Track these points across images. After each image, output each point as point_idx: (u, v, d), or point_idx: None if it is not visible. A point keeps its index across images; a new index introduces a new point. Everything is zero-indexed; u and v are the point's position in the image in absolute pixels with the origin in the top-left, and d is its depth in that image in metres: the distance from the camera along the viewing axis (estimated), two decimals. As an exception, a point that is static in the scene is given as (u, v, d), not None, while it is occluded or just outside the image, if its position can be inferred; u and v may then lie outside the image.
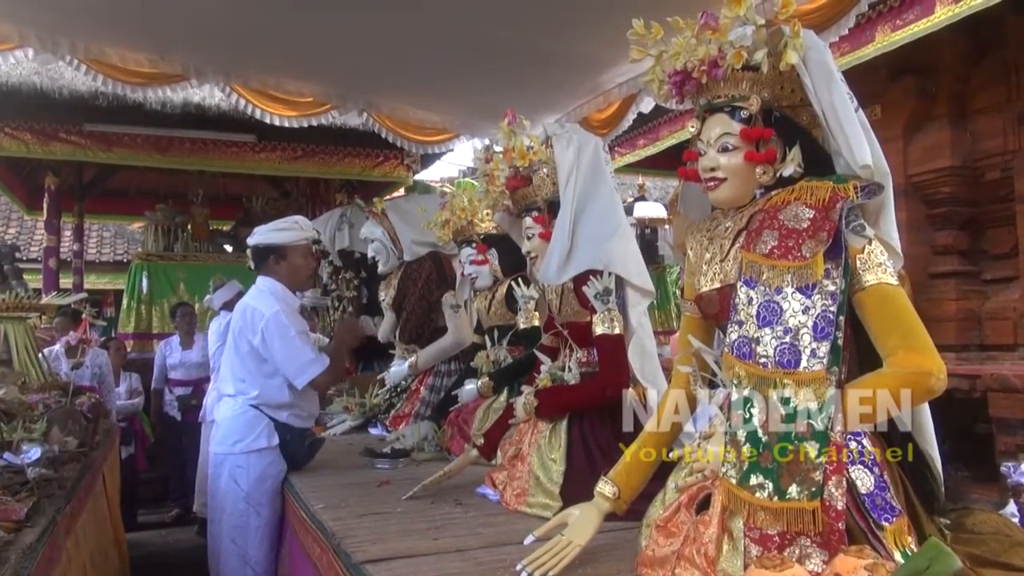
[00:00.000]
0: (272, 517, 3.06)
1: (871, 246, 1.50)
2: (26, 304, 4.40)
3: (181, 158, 6.88)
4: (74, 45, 3.98)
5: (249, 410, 3.06)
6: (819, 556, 1.34)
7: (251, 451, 3.03)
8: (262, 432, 3.04)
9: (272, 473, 3.06)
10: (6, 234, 13.12)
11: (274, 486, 3.07)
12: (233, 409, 3.09)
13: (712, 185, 1.65)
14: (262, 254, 3.20)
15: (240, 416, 3.07)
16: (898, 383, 1.42)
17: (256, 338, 3.03)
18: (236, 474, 3.02)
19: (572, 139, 2.42)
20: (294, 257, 3.19)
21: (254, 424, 3.05)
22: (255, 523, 3.02)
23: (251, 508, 3.01)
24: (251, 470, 3.02)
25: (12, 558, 1.73)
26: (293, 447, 3.10)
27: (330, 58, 4.24)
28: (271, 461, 3.05)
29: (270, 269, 3.18)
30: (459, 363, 3.94)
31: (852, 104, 1.56)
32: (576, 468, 2.28)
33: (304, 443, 3.18)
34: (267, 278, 3.17)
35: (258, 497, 3.02)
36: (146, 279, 7.06)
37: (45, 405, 3.30)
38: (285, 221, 3.25)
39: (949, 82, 4.42)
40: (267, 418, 3.06)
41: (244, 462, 3.02)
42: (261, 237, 3.19)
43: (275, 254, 3.17)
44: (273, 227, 3.21)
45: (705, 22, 1.60)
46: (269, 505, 3.04)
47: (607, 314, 2.31)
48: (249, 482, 3.01)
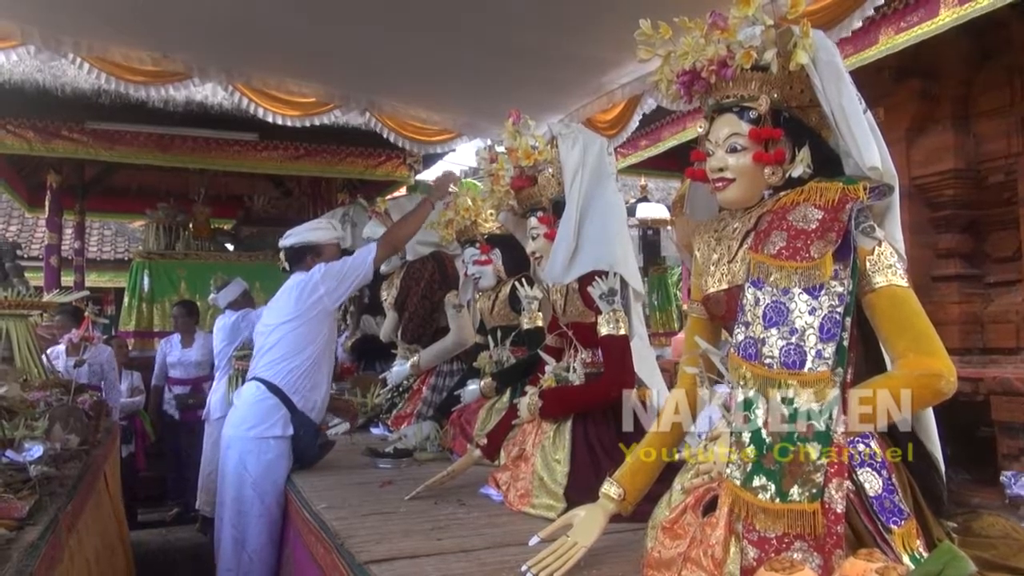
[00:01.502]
0: (275, 509, 3.09)
1: (881, 247, 1.50)
2: (27, 302, 4.39)
3: (183, 156, 6.86)
4: (77, 43, 3.98)
5: (270, 398, 3.12)
6: (814, 560, 1.33)
7: (264, 437, 3.08)
8: (278, 421, 3.10)
9: (281, 464, 3.11)
10: (7, 232, 13.11)
11: (280, 477, 3.10)
12: (255, 395, 3.16)
13: (720, 186, 1.64)
14: (299, 254, 3.38)
15: (260, 403, 3.13)
16: (908, 385, 1.42)
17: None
18: (246, 459, 3.08)
19: (578, 139, 2.41)
20: (329, 254, 3.38)
21: (272, 412, 3.11)
22: (257, 510, 3.07)
23: (256, 495, 3.06)
24: (261, 456, 3.07)
25: (14, 556, 1.73)
26: (305, 442, 3.15)
27: (332, 58, 4.24)
28: (282, 452, 3.11)
29: (307, 267, 3.31)
30: (461, 363, 3.94)
31: (861, 105, 1.55)
32: (580, 469, 2.27)
33: (316, 441, 3.21)
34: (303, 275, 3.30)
35: (264, 485, 3.07)
36: (147, 277, 7.05)
37: (47, 403, 3.30)
38: (319, 221, 3.58)
39: (953, 85, 4.41)
40: (285, 408, 3.11)
41: (255, 447, 3.09)
42: (298, 238, 3.40)
43: (312, 253, 3.36)
44: (309, 227, 3.47)
45: (714, 22, 1.60)
46: (273, 495, 3.08)
47: (612, 315, 2.31)
48: (258, 468, 3.07)
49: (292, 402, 3.14)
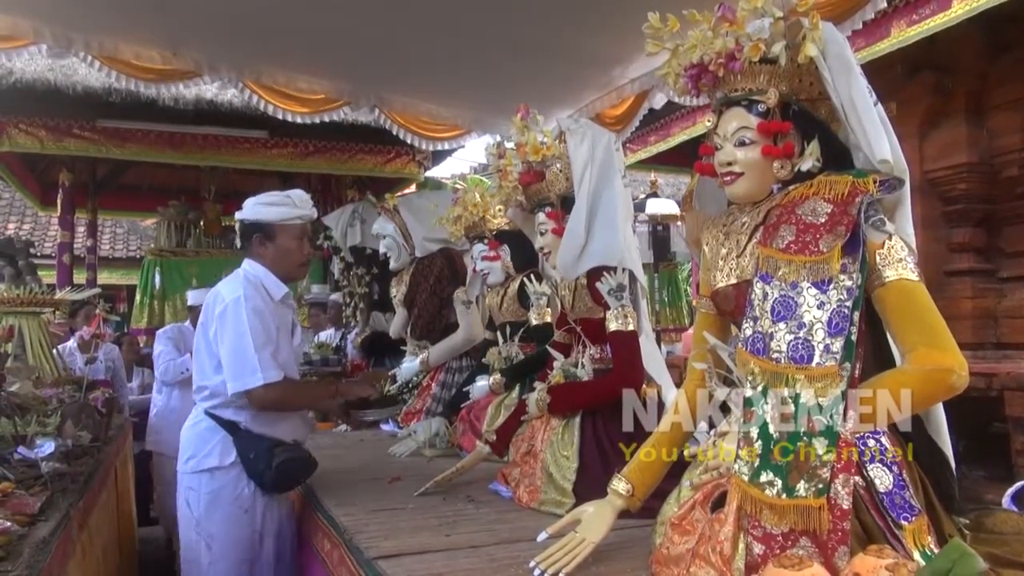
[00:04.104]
0: (230, 555, 2.53)
1: (891, 241, 1.48)
2: (40, 299, 4.43)
3: (193, 154, 6.90)
4: (88, 41, 4.00)
5: (203, 420, 2.59)
6: (816, 559, 1.32)
7: (201, 470, 2.55)
8: (214, 448, 2.55)
9: (225, 498, 2.53)
10: (20, 230, 13.21)
11: (230, 514, 2.53)
12: (192, 419, 2.65)
13: (729, 180, 1.63)
14: (247, 232, 2.69)
15: (193, 427, 2.63)
16: (919, 380, 1.41)
17: (212, 328, 2.56)
18: (188, 496, 2.57)
19: (586, 134, 2.40)
20: (283, 239, 2.67)
21: (206, 438, 2.57)
22: (206, 559, 2.52)
23: (201, 539, 2.53)
24: (201, 492, 2.55)
25: (26, 551, 1.74)
26: (260, 465, 2.52)
27: (342, 55, 4.24)
28: (224, 484, 2.54)
29: (255, 251, 2.69)
30: (471, 359, 3.93)
31: (871, 98, 1.54)
32: (589, 465, 2.27)
33: (270, 462, 2.51)
34: (251, 261, 2.70)
35: (208, 527, 2.52)
36: (159, 275, 7.11)
37: (59, 400, 3.32)
38: (276, 194, 2.71)
39: (967, 79, 4.37)
40: (222, 432, 2.56)
41: (195, 483, 2.56)
42: (247, 212, 2.69)
43: (261, 233, 2.67)
44: (261, 200, 2.69)
45: (722, 14, 1.59)
46: (225, 539, 2.53)
47: (620, 310, 2.30)
48: (199, 507, 2.54)
49: (235, 423, 2.56)
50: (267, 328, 2.55)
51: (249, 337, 2.49)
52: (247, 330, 2.49)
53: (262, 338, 2.51)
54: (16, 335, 4.08)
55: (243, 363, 2.48)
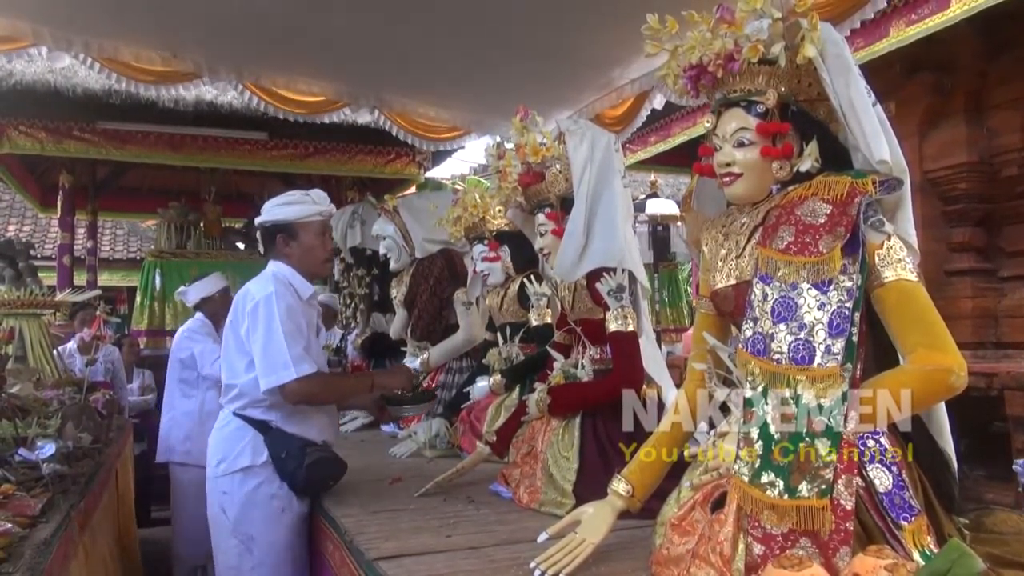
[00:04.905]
0: (273, 557, 2.53)
1: (890, 242, 1.48)
2: (41, 301, 4.43)
3: (193, 156, 6.89)
4: (87, 43, 4.00)
5: (232, 421, 2.59)
6: (816, 559, 1.32)
7: (234, 471, 2.53)
8: (245, 448, 2.54)
9: (261, 498, 2.52)
10: (21, 232, 13.22)
11: (268, 514, 2.52)
12: (220, 422, 2.65)
13: (728, 180, 1.64)
14: (270, 234, 2.72)
15: (221, 430, 2.62)
16: (918, 380, 1.41)
17: (243, 326, 2.55)
18: (223, 501, 2.54)
19: (586, 135, 2.41)
20: (306, 236, 2.70)
21: (236, 439, 2.56)
22: (248, 563, 2.50)
23: (242, 544, 2.51)
24: (235, 495, 2.52)
25: (27, 553, 1.74)
26: (291, 465, 2.52)
27: (341, 56, 4.24)
28: (259, 483, 2.53)
29: (280, 252, 2.71)
30: (471, 360, 3.94)
31: (870, 99, 1.54)
32: (589, 466, 2.27)
33: (303, 459, 2.53)
34: (277, 262, 2.72)
35: (247, 528, 2.51)
36: (159, 276, 7.09)
37: (59, 401, 3.32)
38: (294, 194, 2.75)
39: (965, 78, 4.38)
40: (252, 431, 2.56)
41: (229, 485, 2.54)
42: (268, 214, 2.72)
43: (284, 233, 2.69)
44: (281, 201, 2.73)
45: (721, 16, 1.59)
46: (265, 540, 2.51)
47: (620, 311, 2.30)
48: (235, 509, 2.52)
49: (266, 422, 2.56)
50: (298, 324, 2.56)
51: (281, 332, 2.48)
52: (279, 326, 2.49)
53: (295, 333, 2.52)
54: (17, 337, 4.08)
55: (276, 358, 2.47)
